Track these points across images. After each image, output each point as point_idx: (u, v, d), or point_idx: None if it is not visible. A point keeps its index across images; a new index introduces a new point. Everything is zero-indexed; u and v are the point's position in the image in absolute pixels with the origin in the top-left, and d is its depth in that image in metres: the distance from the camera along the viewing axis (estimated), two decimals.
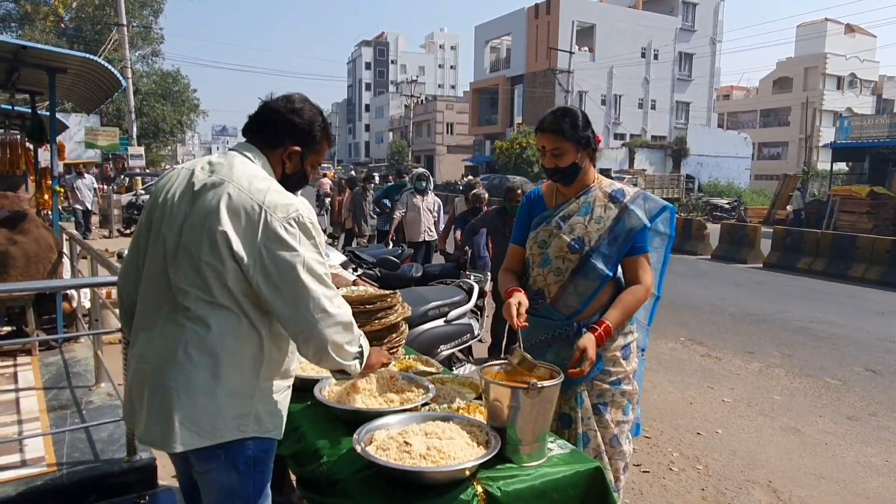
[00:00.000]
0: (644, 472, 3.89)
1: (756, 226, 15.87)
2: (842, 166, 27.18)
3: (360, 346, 1.79)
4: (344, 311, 1.71)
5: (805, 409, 5.08)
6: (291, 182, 1.83)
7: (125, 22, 20.49)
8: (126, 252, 1.95)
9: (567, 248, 2.28)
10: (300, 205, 1.69)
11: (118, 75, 4.65)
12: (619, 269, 2.34)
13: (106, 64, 4.45)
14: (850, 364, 6.35)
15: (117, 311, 3.11)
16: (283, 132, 1.78)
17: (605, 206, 2.30)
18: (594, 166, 2.38)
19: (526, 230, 2.46)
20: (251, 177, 1.68)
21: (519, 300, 2.18)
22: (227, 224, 1.60)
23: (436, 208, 8.61)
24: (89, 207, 15.45)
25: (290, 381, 1.88)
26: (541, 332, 2.34)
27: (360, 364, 1.79)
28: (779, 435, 4.56)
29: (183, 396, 1.63)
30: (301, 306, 1.64)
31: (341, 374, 1.88)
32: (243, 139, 1.85)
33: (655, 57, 42.20)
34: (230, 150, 1.82)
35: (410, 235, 8.49)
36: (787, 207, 23.87)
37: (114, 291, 5.41)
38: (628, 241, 2.25)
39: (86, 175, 15.85)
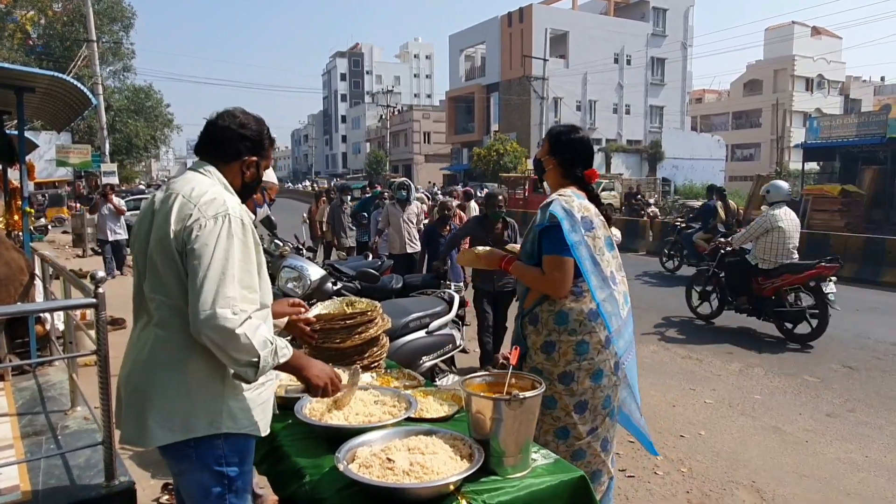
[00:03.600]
0: (629, 476, 3.90)
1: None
2: (813, 166, 27.71)
3: (257, 357, 1.67)
4: (234, 318, 1.63)
5: (785, 408, 5.14)
6: (250, 189, 2.02)
7: (95, 38, 20.22)
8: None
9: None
10: (234, 206, 1.80)
11: (88, 93, 4.58)
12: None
13: (75, 82, 4.38)
14: (828, 361, 6.45)
15: (92, 332, 3.05)
16: (240, 146, 1.93)
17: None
18: (567, 185, 2.62)
19: None
20: (196, 185, 1.83)
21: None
22: (172, 227, 1.74)
23: (416, 220, 8.46)
24: (116, 236, 11.76)
25: (269, 378, 1.91)
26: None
27: (255, 374, 1.70)
28: (760, 434, 4.60)
29: (154, 396, 1.76)
30: (195, 294, 1.66)
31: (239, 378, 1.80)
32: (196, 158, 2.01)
33: (628, 62, 42.73)
34: (188, 169, 1.98)
35: (391, 247, 8.43)
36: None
37: (88, 313, 5.32)
38: (535, 242, 2.56)
39: (114, 198, 11.90)
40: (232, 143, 1.92)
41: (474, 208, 10.78)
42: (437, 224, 6.83)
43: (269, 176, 3.03)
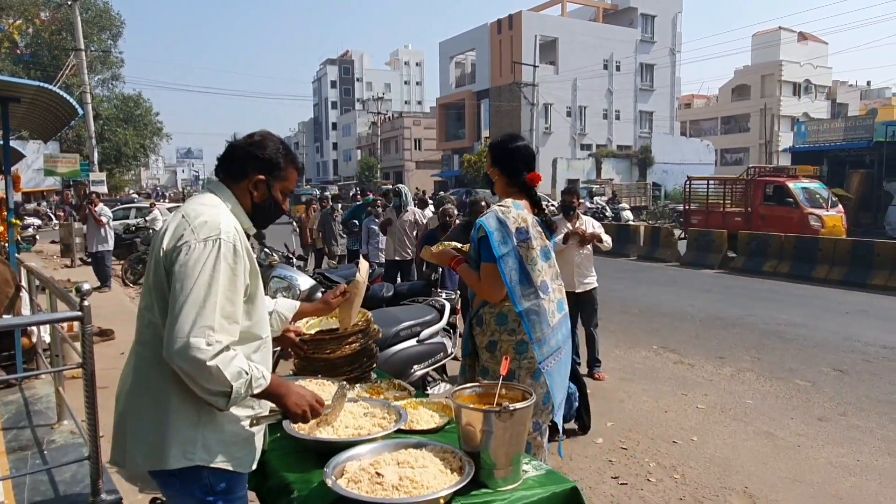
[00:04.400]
0: (622, 484, 3.88)
1: (722, 231, 16.15)
2: None
3: (228, 388, 1.61)
4: (207, 349, 1.57)
5: (777, 412, 5.14)
6: (264, 211, 1.91)
7: (83, 47, 20.13)
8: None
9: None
10: (229, 230, 1.72)
11: (74, 103, 4.55)
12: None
13: (61, 92, 4.34)
14: (818, 365, 6.47)
15: (77, 345, 3.01)
16: (246, 164, 1.87)
17: None
18: (514, 192, 2.74)
19: None
20: (199, 204, 1.80)
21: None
22: (164, 246, 1.70)
23: (409, 226, 8.20)
24: (98, 248, 11.20)
25: (254, 412, 1.83)
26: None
27: (226, 404, 1.65)
28: (752, 439, 4.60)
29: (132, 419, 1.74)
30: (172, 319, 1.60)
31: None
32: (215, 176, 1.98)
33: (617, 68, 42.97)
34: (205, 189, 1.99)
35: (385, 254, 8.38)
36: None
37: (75, 325, 5.27)
38: (475, 250, 2.66)
39: (96, 208, 11.30)
40: (240, 161, 1.87)
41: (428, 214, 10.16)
42: (437, 230, 6.82)
43: None
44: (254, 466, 1.84)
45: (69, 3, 19.06)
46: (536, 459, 2.07)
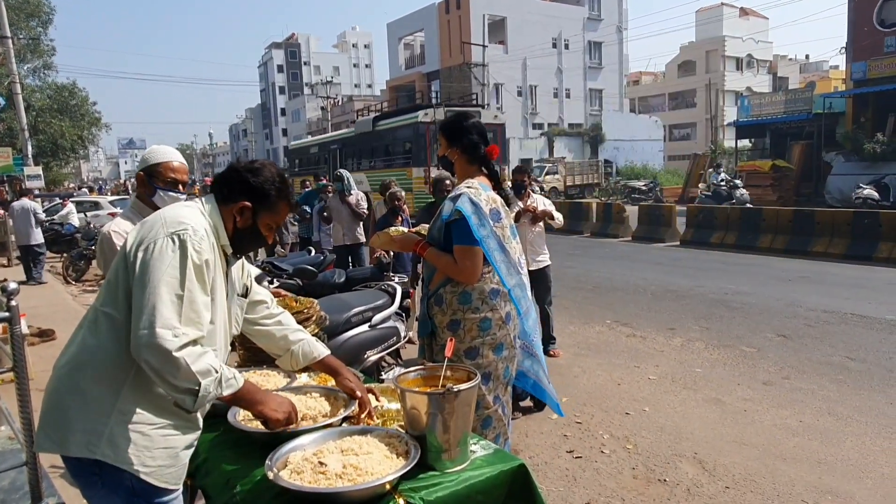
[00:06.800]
0: (577, 457, 3.94)
1: (671, 205, 16.52)
2: (746, 143, 28.72)
3: (197, 385, 1.59)
4: (173, 340, 1.56)
5: (725, 379, 5.30)
6: (244, 238, 1.88)
7: (9, 34, 19.12)
8: None
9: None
10: (198, 227, 1.71)
11: None
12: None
13: None
14: (763, 331, 6.69)
15: (8, 347, 2.86)
16: (237, 188, 1.85)
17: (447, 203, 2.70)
18: (475, 171, 2.74)
19: None
20: (179, 207, 1.82)
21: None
22: (137, 237, 1.70)
23: (358, 207, 8.20)
24: (28, 242, 11.35)
25: (177, 423, 1.74)
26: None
27: (194, 403, 1.62)
28: (702, 407, 4.73)
29: (48, 398, 1.70)
30: (137, 312, 1.59)
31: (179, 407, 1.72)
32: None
33: (566, 47, 43.21)
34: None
35: (335, 240, 8.27)
36: (700, 185, 24.97)
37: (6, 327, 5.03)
38: (442, 231, 2.64)
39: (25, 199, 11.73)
40: (230, 184, 1.86)
41: None
42: (388, 216, 6.70)
43: (169, 155, 2.72)
44: (177, 485, 1.75)
45: None
46: (489, 438, 2.07)
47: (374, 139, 20.43)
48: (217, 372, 1.64)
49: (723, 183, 21.08)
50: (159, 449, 1.69)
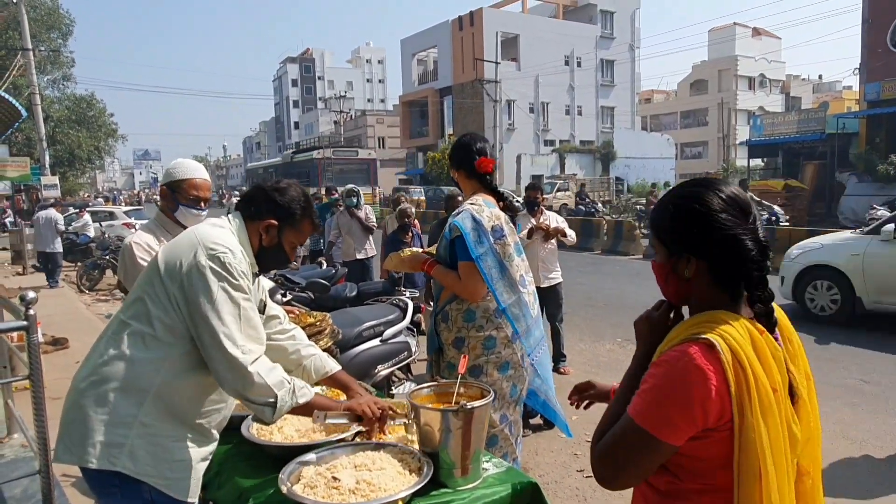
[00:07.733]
0: (587, 476, 3.91)
1: None
2: (758, 162, 28.65)
3: (273, 397, 1.69)
4: (244, 357, 1.66)
5: None
6: (269, 256, 1.92)
7: (31, 46, 19.46)
8: None
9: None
10: (232, 249, 1.75)
11: (18, 105, 4.38)
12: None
13: (3, 93, 4.18)
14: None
15: (24, 356, 2.90)
16: (263, 206, 1.89)
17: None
18: (475, 186, 2.76)
19: None
20: (210, 225, 1.85)
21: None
22: (167, 255, 1.74)
23: (368, 221, 8.25)
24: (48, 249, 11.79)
25: (195, 436, 1.77)
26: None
27: (272, 415, 1.71)
28: None
29: (68, 410, 1.70)
30: (204, 337, 1.66)
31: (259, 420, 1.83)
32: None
33: (579, 64, 43.38)
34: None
35: (345, 255, 8.31)
36: None
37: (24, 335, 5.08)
38: (447, 249, 2.66)
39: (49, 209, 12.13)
40: (257, 202, 1.90)
41: None
42: (397, 232, 6.73)
43: (192, 171, 2.76)
44: (193, 498, 1.77)
45: (14, 1, 18.36)
46: (497, 457, 2.06)
47: (292, 167, 29.41)
48: (289, 383, 1.73)
49: None
50: (177, 461, 1.71)
